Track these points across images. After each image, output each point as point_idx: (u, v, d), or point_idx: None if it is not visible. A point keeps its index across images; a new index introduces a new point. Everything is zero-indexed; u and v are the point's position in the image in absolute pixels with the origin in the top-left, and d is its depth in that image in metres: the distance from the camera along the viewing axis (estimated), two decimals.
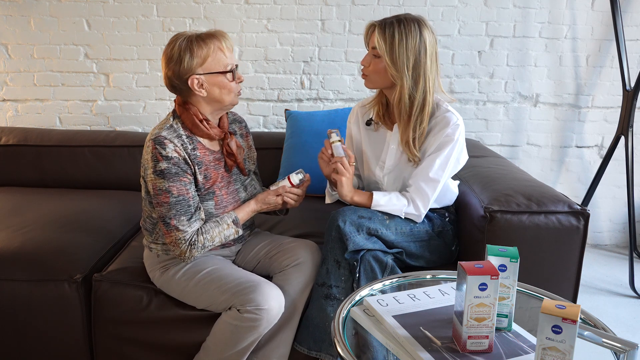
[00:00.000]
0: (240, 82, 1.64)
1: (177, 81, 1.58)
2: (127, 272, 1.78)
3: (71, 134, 2.59)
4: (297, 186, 1.72)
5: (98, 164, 2.51)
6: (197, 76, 1.56)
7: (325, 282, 1.67)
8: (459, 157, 1.75)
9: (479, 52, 2.86)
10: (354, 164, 1.73)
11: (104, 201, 2.30)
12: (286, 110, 2.59)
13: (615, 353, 1.10)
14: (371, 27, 1.69)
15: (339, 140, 1.69)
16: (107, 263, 1.87)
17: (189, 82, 1.56)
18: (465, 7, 2.80)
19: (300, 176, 1.72)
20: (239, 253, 1.82)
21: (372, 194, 1.72)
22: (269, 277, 1.73)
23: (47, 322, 1.75)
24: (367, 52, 1.72)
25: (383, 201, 1.71)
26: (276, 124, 2.93)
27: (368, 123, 1.84)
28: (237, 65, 1.63)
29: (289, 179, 1.71)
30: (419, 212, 1.72)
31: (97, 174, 2.51)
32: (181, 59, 1.55)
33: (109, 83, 2.86)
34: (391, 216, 1.72)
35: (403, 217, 1.73)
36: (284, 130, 2.70)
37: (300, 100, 2.90)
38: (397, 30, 1.62)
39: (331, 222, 1.68)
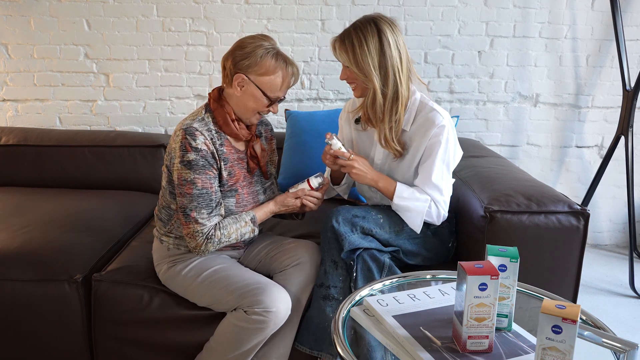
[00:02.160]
0: (272, 112, 1.65)
1: (230, 68, 1.59)
2: (127, 272, 1.78)
3: (71, 134, 2.59)
4: (317, 189, 1.72)
5: (98, 164, 2.51)
6: (245, 78, 1.58)
7: (323, 282, 1.68)
8: (454, 155, 1.74)
9: (479, 52, 2.86)
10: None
11: (104, 201, 2.30)
12: (286, 110, 2.59)
13: (615, 353, 1.10)
14: (333, 44, 1.69)
15: (342, 146, 1.68)
16: (107, 263, 1.87)
17: (235, 75, 1.58)
18: (465, 7, 2.80)
19: (319, 179, 1.72)
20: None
21: (396, 184, 1.70)
22: (269, 277, 1.73)
23: (47, 322, 1.75)
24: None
25: (406, 193, 1.69)
26: (276, 124, 2.93)
27: (357, 121, 1.85)
28: (283, 98, 1.65)
29: (308, 182, 1.71)
30: (439, 210, 1.72)
31: (97, 174, 2.51)
32: (249, 57, 1.56)
33: (109, 83, 2.86)
34: (385, 215, 1.72)
35: (421, 223, 1.70)
36: (284, 130, 2.70)
37: (300, 100, 2.90)
38: (354, 37, 1.63)
39: (325, 222, 1.68)
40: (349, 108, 1.89)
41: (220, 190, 1.63)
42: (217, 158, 1.61)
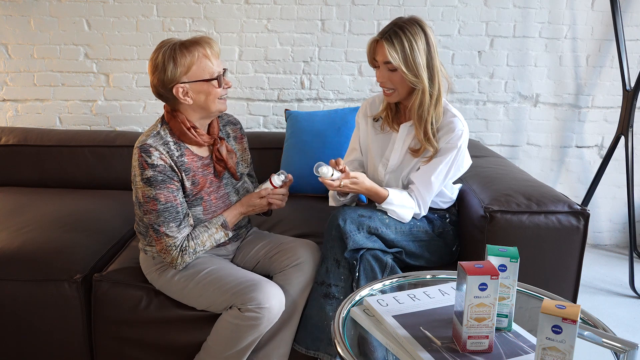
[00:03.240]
0: (228, 87, 1.62)
1: (162, 90, 1.57)
2: (127, 272, 1.78)
3: (71, 134, 2.59)
4: (280, 187, 1.71)
5: (98, 164, 2.51)
6: (182, 85, 1.55)
7: (324, 280, 1.67)
8: (461, 163, 1.77)
9: (479, 52, 2.86)
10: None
11: (104, 201, 2.30)
12: (286, 110, 2.59)
13: (615, 353, 1.10)
14: (373, 43, 1.68)
15: (332, 173, 1.61)
16: (107, 263, 1.87)
17: (174, 91, 1.55)
18: (465, 7, 2.80)
19: (282, 177, 1.71)
20: (239, 252, 1.82)
21: (387, 196, 1.70)
22: (269, 277, 1.73)
23: (47, 322, 1.75)
24: (371, 67, 1.73)
25: (397, 201, 1.70)
26: (276, 124, 2.93)
27: (376, 119, 1.85)
28: (225, 70, 1.61)
29: (270, 181, 1.70)
30: (420, 211, 1.75)
31: (97, 174, 2.51)
32: (165, 68, 1.53)
33: (109, 83, 2.86)
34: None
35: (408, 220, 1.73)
36: (284, 130, 2.70)
37: (300, 100, 2.90)
38: (404, 37, 1.63)
39: (331, 221, 1.68)
40: (369, 110, 1.88)
41: (186, 201, 1.63)
42: (177, 170, 1.59)
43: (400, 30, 1.63)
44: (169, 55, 1.53)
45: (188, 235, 1.60)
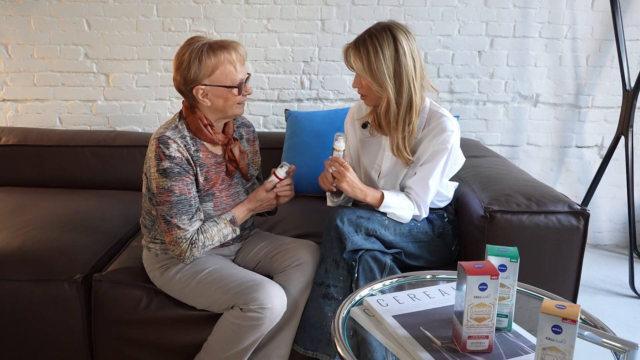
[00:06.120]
0: (248, 94, 1.63)
1: (183, 87, 1.59)
2: (127, 272, 1.79)
3: (71, 134, 2.59)
4: (285, 178, 1.72)
5: (98, 164, 2.51)
6: (202, 87, 1.57)
7: (323, 281, 1.67)
8: (455, 161, 1.76)
9: (479, 52, 2.86)
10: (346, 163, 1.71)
11: (104, 201, 2.30)
12: (286, 110, 2.59)
13: (615, 353, 1.10)
14: (347, 51, 1.67)
15: (343, 151, 1.67)
16: (107, 263, 1.87)
17: (194, 91, 1.57)
18: (465, 7, 2.80)
19: (285, 168, 1.71)
20: (239, 253, 1.82)
21: (383, 197, 1.70)
22: (269, 277, 1.73)
23: (47, 322, 1.75)
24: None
25: (393, 203, 1.70)
26: (276, 124, 2.93)
27: (364, 125, 1.84)
28: (249, 76, 1.63)
29: (275, 174, 1.71)
30: (420, 213, 1.75)
31: (97, 174, 2.51)
32: (189, 67, 1.55)
33: (109, 83, 2.86)
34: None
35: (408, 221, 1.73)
36: (284, 130, 2.70)
37: (300, 100, 2.90)
38: (370, 45, 1.60)
39: (330, 221, 1.68)
40: (356, 114, 1.87)
41: (197, 195, 1.64)
42: (192, 164, 1.61)
43: (369, 38, 1.61)
44: (195, 56, 1.54)
45: (198, 229, 1.60)
